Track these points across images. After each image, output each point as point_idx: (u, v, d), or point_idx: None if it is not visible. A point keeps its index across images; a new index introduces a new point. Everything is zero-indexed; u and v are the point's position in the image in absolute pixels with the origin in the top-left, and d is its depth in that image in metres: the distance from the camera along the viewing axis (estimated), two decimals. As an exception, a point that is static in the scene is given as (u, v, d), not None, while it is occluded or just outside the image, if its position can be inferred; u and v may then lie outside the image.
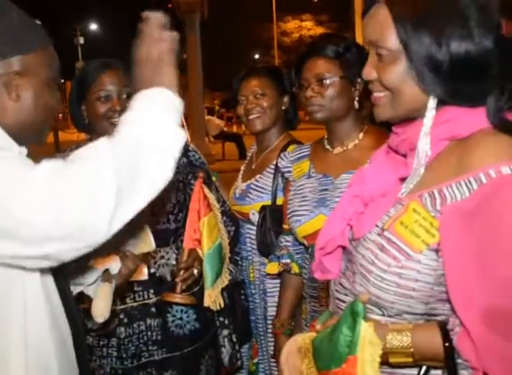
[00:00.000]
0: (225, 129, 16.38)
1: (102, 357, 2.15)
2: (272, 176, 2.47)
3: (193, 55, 13.43)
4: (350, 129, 2.09)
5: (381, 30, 1.17)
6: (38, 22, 1.46)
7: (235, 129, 19.48)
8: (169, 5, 18.08)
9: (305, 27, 40.04)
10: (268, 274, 2.38)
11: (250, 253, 2.52)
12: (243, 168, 2.72)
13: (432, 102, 1.17)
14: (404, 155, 1.26)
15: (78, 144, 2.29)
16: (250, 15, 36.79)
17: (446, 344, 1.10)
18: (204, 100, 15.73)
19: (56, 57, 1.49)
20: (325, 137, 2.18)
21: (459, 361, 1.09)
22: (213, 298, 2.13)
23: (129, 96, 2.16)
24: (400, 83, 1.17)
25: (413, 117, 1.22)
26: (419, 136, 1.19)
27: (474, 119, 1.15)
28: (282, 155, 2.31)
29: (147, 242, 1.78)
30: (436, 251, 1.11)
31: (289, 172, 2.23)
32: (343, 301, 1.30)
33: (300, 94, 2.17)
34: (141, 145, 1.18)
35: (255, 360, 2.53)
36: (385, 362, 1.13)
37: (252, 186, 2.54)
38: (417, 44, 1.12)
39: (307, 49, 2.16)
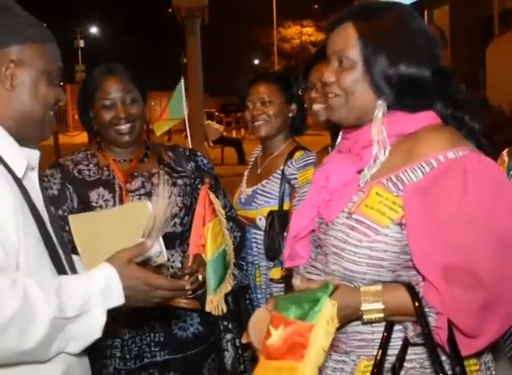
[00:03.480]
0: (225, 134, 16.40)
1: (105, 357, 2.15)
2: (278, 181, 2.48)
3: (193, 59, 13.46)
4: None
5: (346, 43, 1.44)
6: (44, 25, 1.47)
7: (234, 134, 19.50)
8: (170, 10, 18.07)
9: (306, 33, 39.89)
10: (272, 279, 2.40)
11: (256, 258, 2.53)
12: (246, 173, 2.73)
13: (380, 102, 1.42)
14: (357, 154, 1.48)
15: (87, 149, 2.30)
16: (250, 20, 36.74)
17: (414, 298, 1.30)
18: (204, 105, 15.72)
19: (58, 55, 1.48)
20: (330, 144, 2.21)
21: (426, 310, 1.29)
22: (215, 304, 2.12)
23: (134, 101, 2.19)
24: (354, 86, 1.43)
25: (361, 123, 1.46)
26: (372, 134, 1.43)
27: (416, 119, 1.42)
28: (288, 162, 2.35)
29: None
30: (400, 224, 1.34)
31: (295, 179, 2.26)
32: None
33: (305, 97, 2.21)
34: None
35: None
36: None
37: (258, 191, 2.55)
38: (376, 60, 1.40)
39: (315, 55, 2.23)
